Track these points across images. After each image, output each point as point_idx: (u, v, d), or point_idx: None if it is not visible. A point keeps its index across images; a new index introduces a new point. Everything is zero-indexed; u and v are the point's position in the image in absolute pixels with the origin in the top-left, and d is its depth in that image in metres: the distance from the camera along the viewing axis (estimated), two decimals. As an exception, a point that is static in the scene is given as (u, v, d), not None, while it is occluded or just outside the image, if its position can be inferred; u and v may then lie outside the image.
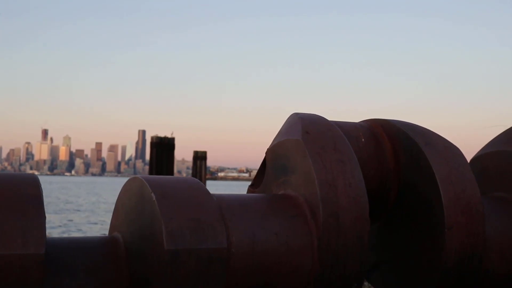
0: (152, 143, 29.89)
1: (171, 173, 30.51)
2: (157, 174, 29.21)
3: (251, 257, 1.49)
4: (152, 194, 1.46)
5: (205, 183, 34.96)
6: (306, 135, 1.68)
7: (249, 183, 1.98)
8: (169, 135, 30.75)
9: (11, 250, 1.22)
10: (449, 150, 1.87)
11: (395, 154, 1.93)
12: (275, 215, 1.57)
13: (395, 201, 1.91)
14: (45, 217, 1.29)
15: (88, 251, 1.60)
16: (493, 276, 1.89)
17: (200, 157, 35.07)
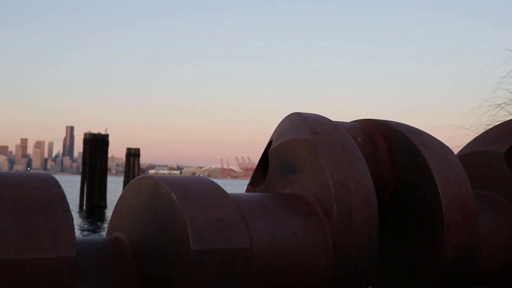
0: (85, 140, 29.08)
1: (105, 170, 29.86)
2: (90, 171, 28.51)
3: (271, 257, 1.49)
4: (172, 194, 1.43)
5: (138, 181, 34.28)
6: (315, 135, 1.69)
7: None
8: (102, 131, 30.08)
9: (41, 253, 1.17)
10: (443, 150, 1.93)
11: (391, 154, 1.97)
12: (290, 214, 1.58)
13: (391, 200, 1.95)
14: (73, 218, 1.24)
15: (94, 252, 1.56)
16: (483, 271, 1.97)
17: (133, 154, 34.48)
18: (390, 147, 1.97)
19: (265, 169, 1.97)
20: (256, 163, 1.99)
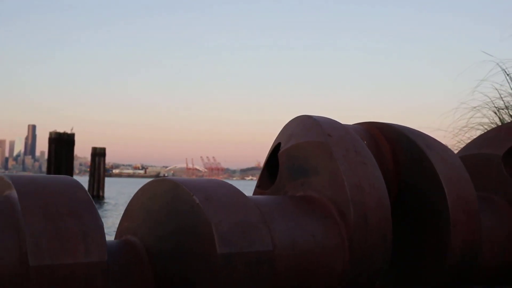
0: (50, 139, 28.53)
1: (71, 170, 29.37)
2: (56, 171, 28.02)
3: (292, 259, 1.50)
4: (195, 197, 1.43)
5: (104, 180, 33.92)
6: (329, 138, 1.71)
7: (145, 180, 1.96)
8: (63, 130, 29.53)
9: (74, 258, 1.15)
10: (446, 152, 1.97)
11: (394, 156, 2.00)
12: (308, 217, 1.59)
13: (395, 201, 1.98)
14: (102, 222, 1.23)
15: (109, 256, 1.54)
16: (483, 270, 2.02)
17: (99, 153, 33.99)
18: (394, 149, 2.00)
19: (271, 171, 1.97)
20: (221, 162, 1.99)
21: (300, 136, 1.80)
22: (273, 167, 1.98)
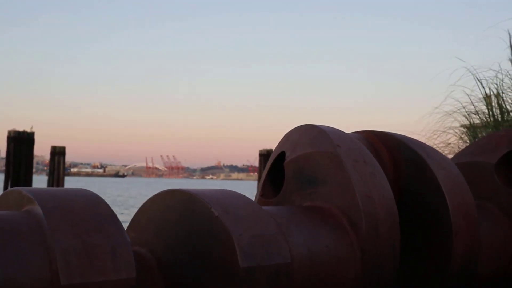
0: (9, 138, 27.82)
1: (30, 169, 28.73)
2: (14, 170, 27.38)
3: (309, 270, 1.50)
4: (213, 210, 1.41)
5: (63, 180, 33.29)
6: (338, 148, 1.71)
7: (105, 179, 1.94)
8: (21, 129, 28.91)
9: (103, 276, 1.13)
10: (445, 161, 2.01)
11: (395, 165, 2.02)
12: (322, 227, 1.59)
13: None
14: (129, 238, 1.21)
15: None
16: (480, 276, 2.06)
17: (58, 152, 33.33)
18: (394, 158, 2.02)
19: (274, 180, 1.97)
20: (181, 161, 1.98)
21: (307, 146, 1.80)
22: (275, 176, 1.98)
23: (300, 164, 1.80)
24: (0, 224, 1.11)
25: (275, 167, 1.97)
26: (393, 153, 2.03)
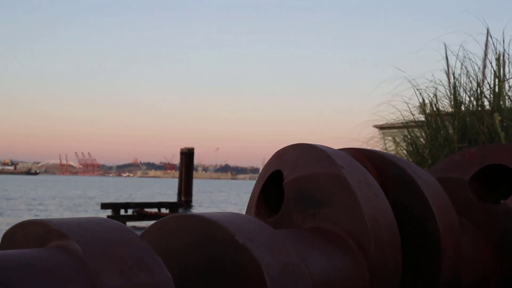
0: None
1: None
2: None
3: (326, 295, 1.50)
4: (237, 238, 1.39)
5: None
6: (342, 169, 1.73)
7: (15, 176, 1.89)
8: None
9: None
10: (429, 178, 2.07)
11: (381, 182, 2.06)
12: (333, 251, 1.60)
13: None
14: (170, 275, 1.16)
15: None
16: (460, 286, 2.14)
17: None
18: (381, 176, 2.06)
19: (267, 199, 1.97)
20: (97, 159, 1.96)
21: (308, 166, 1.80)
22: (269, 195, 1.98)
23: (301, 184, 1.80)
24: (43, 265, 1.04)
25: (268, 186, 1.97)
26: (380, 171, 2.07)
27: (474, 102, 5.30)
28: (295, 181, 1.82)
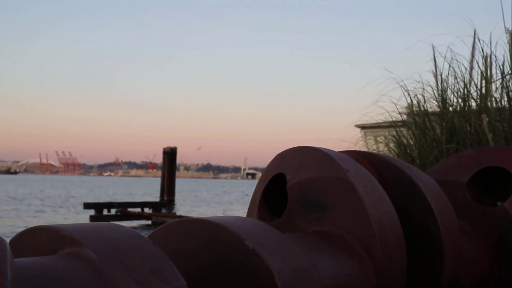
0: None
1: None
2: None
3: (336, 301, 1.50)
4: (247, 242, 1.38)
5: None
6: (348, 172, 1.73)
7: None
8: None
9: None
10: (430, 181, 2.08)
11: (383, 185, 2.06)
12: (340, 255, 1.60)
13: (385, 229, 2.05)
14: (185, 282, 1.15)
15: None
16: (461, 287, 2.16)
17: None
18: (382, 179, 2.06)
19: (269, 202, 1.96)
20: (77, 158, 1.95)
21: (312, 169, 1.79)
22: (271, 198, 1.97)
23: (305, 187, 1.79)
24: (59, 274, 1.01)
25: (270, 189, 1.96)
26: (381, 174, 2.07)
27: (462, 103, 5.34)
28: (298, 184, 1.81)
